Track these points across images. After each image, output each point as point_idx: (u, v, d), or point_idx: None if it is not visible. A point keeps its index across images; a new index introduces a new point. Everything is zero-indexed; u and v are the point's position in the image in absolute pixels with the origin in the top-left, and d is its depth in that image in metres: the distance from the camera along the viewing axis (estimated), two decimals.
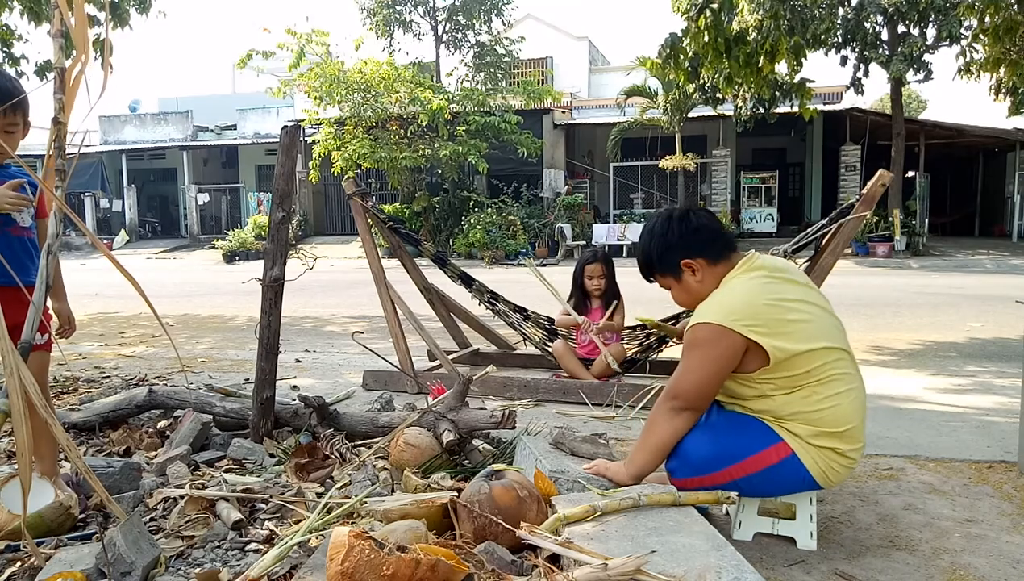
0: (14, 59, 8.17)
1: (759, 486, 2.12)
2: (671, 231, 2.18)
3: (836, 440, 2.05)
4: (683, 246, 2.17)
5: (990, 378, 4.65)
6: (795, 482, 2.10)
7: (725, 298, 2.08)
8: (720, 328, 2.00)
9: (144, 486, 2.53)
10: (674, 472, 2.14)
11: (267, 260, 3.02)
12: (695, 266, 2.16)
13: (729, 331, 1.99)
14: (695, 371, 2.05)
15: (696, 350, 2.05)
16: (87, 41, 2.10)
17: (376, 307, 4.68)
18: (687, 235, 2.17)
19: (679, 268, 2.18)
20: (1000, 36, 6.99)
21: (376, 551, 1.57)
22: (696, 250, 2.16)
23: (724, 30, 6.38)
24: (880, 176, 3.47)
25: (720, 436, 2.11)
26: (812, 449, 2.05)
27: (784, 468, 2.06)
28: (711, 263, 2.16)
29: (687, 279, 2.19)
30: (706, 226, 2.19)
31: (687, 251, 2.16)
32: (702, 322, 2.03)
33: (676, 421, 2.10)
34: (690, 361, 2.06)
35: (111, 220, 28.43)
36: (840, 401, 2.04)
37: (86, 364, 5.35)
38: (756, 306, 2.03)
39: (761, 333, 1.99)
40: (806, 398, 2.03)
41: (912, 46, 15.37)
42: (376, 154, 18.54)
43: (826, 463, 2.06)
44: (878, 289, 10.71)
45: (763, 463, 2.06)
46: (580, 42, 25.78)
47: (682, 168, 19.44)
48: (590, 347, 4.42)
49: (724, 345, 2.00)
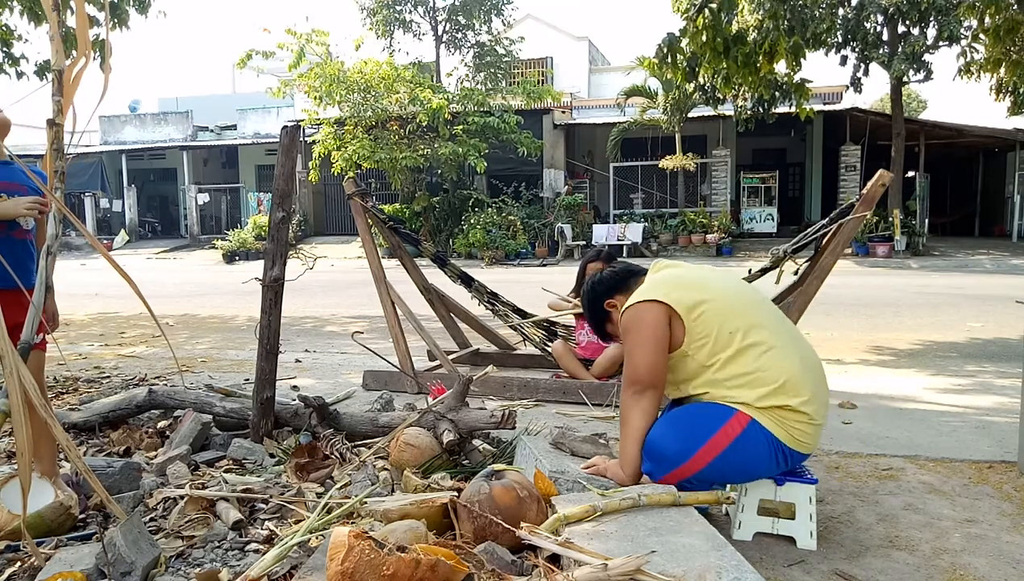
0: (14, 59, 8.17)
1: (735, 464, 2.16)
2: (590, 292, 2.55)
3: (781, 396, 2.14)
4: (601, 295, 2.52)
5: (990, 378, 4.65)
6: (767, 450, 2.14)
7: (639, 289, 2.38)
8: (636, 305, 2.27)
9: (144, 486, 2.53)
10: (653, 474, 2.18)
11: (267, 260, 3.02)
12: (616, 302, 2.47)
13: (645, 303, 2.25)
14: (637, 351, 2.26)
15: (628, 334, 2.29)
16: (88, 41, 2.10)
17: (376, 307, 4.68)
18: (600, 285, 2.53)
19: (607, 311, 2.51)
20: (1001, 36, 6.99)
21: (376, 551, 1.57)
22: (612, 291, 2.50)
23: (723, 30, 6.37)
24: (880, 176, 3.47)
25: (682, 425, 2.21)
26: (765, 412, 2.13)
27: (750, 437, 2.12)
28: (627, 294, 2.43)
29: (616, 317, 2.46)
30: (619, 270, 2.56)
31: (605, 295, 2.51)
32: (624, 309, 2.33)
33: (643, 402, 2.25)
34: (629, 344, 2.29)
35: (111, 220, 28.42)
36: (768, 359, 2.17)
37: (86, 364, 5.35)
38: (661, 280, 2.36)
39: (665, 294, 2.24)
40: (737, 361, 2.17)
41: (912, 46, 15.36)
42: (376, 154, 18.52)
43: (784, 423, 2.14)
44: (878, 289, 10.70)
45: (729, 437, 2.13)
46: (580, 42, 25.77)
47: (682, 168, 19.44)
48: (590, 347, 4.43)
49: (647, 318, 2.24)
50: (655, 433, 2.22)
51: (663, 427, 2.23)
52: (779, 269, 3.85)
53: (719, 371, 2.17)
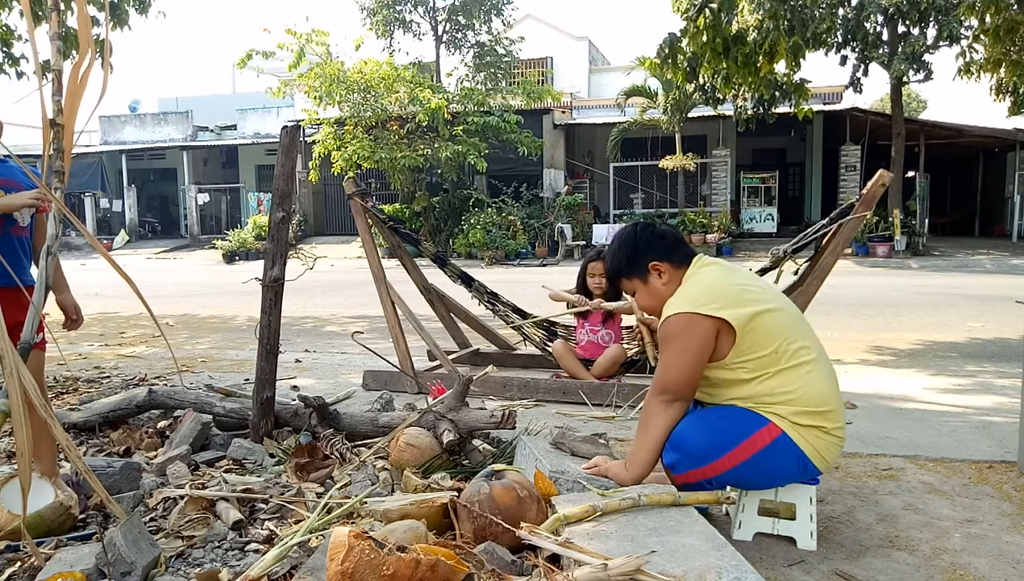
0: (14, 59, 8.17)
1: (759, 473, 2.16)
2: (640, 238, 2.36)
3: (819, 419, 2.13)
4: (651, 250, 2.33)
5: (990, 378, 4.65)
6: (792, 465, 2.13)
7: (689, 291, 2.24)
8: (689, 315, 2.15)
9: (144, 486, 2.53)
10: (675, 467, 2.17)
11: (267, 260, 3.02)
12: (661, 268, 2.31)
13: (698, 317, 2.13)
14: (676, 361, 2.17)
15: (672, 341, 2.18)
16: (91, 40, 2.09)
17: (376, 307, 4.68)
18: (654, 241, 2.35)
19: (647, 270, 2.33)
20: (1001, 36, 6.99)
21: (376, 551, 1.57)
22: (663, 254, 2.32)
23: (723, 30, 6.37)
24: (880, 176, 3.47)
25: (714, 425, 2.19)
26: (799, 428, 2.12)
27: (778, 449, 2.11)
28: (675, 267, 2.31)
29: (653, 281, 2.33)
30: (671, 234, 2.40)
31: (655, 254, 2.32)
32: (672, 314, 2.18)
33: (670, 412, 2.19)
34: (670, 353, 2.19)
35: (111, 220, 28.42)
36: (811, 381, 2.14)
37: (86, 364, 5.35)
38: (716, 289, 2.20)
39: (721, 307, 2.13)
40: (780, 379, 2.13)
41: (912, 46, 15.35)
42: (376, 154, 18.52)
43: (815, 441, 2.13)
44: (878, 289, 10.70)
45: (757, 445, 2.11)
46: (580, 42, 25.77)
47: (682, 168, 19.44)
48: (590, 347, 4.43)
49: (697, 331, 2.13)
50: (684, 427, 2.20)
51: (694, 423, 2.21)
52: (779, 269, 3.85)
53: (760, 385, 2.14)
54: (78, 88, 2.05)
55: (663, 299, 2.29)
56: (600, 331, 4.44)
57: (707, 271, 2.29)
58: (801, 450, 2.11)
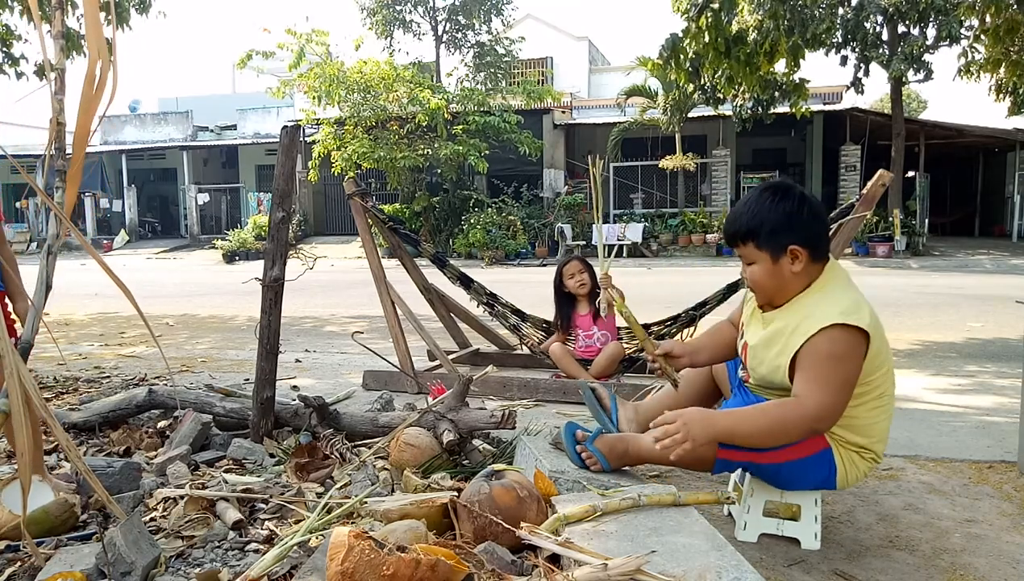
0: (14, 59, 8.17)
1: (792, 475, 2.12)
2: (800, 209, 1.99)
3: (867, 447, 2.10)
4: (802, 230, 1.99)
5: (990, 378, 4.65)
6: (821, 477, 2.11)
7: (846, 296, 1.97)
8: (856, 332, 1.91)
9: (144, 486, 2.53)
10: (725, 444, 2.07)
11: (267, 260, 3.02)
12: (800, 255, 1.99)
13: (861, 335, 1.92)
14: (843, 386, 1.91)
15: (841, 364, 1.90)
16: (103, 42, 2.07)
17: (376, 307, 4.68)
18: (810, 221, 2.00)
19: (784, 250, 2.00)
20: (1001, 36, 6.99)
21: (376, 551, 1.57)
22: (812, 241, 2.00)
23: (724, 30, 6.37)
24: (880, 176, 3.47)
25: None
26: (844, 448, 2.08)
27: (817, 461, 2.08)
28: (813, 260, 2.02)
29: (784, 264, 2.01)
30: (824, 220, 2.07)
31: (803, 237, 1.99)
32: (841, 324, 1.89)
33: (806, 439, 2.01)
34: (837, 377, 1.90)
35: (111, 220, 28.43)
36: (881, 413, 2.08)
37: (86, 364, 5.35)
38: (865, 303, 1.99)
39: (874, 329, 1.95)
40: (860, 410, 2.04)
41: (912, 46, 15.36)
42: (376, 154, 18.53)
43: (855, 464, 2.10)
44: (878, 289, 10.69)
45: (802, 452, 2.06)
46: (580, 42, 25.79)
47: (682, 168, 19.45)
48: (590, 350, 4.43)
49: (860, 352, 1.92)
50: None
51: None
52: None
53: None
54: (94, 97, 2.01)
55: (780, 288, 2.04)
56: (595, 333, 4.43)
57: (843, 274, 2.05)
58: (836, 467, 2.08)
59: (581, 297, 4.45)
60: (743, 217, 2.05)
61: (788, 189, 2.04)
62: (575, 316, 4.48)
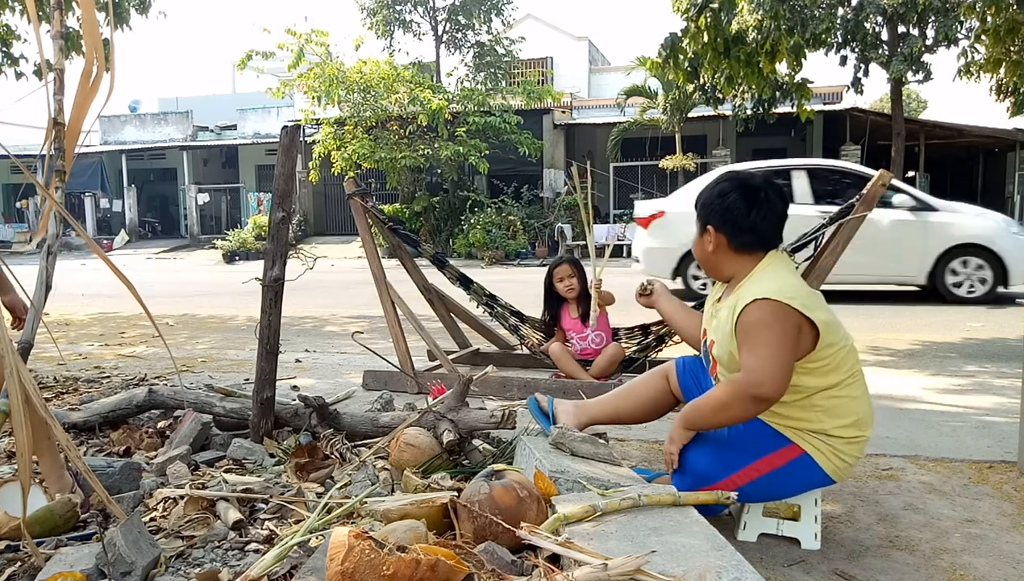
0: (13, 59, 8.17)
1: (771, 488, 2.15)
2: (723, 197, 2.20)
3: (853, 429, 2.11)
4: (719, 215, 2.20)
5: (990, 378, 4.65)
6: (807, 481, 2.14)
7: (776, 281, 2.07)
8: (781, 305, 1.99)
9: (144, 486, 2.53)
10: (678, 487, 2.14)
11: (267, 260, 3.01)
12: (713, 236, 2.21)
13: (789, 309, 2.00)
14: (773, 351, 1.97)
15: (770, 330, 1.98)
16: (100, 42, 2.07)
17: (376, 307, 4.68)
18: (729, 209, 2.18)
19: (704, 228, 2.25)
20: (1001, 36, 6.99)
21: (376, 551, 1.57)
22: (727, 227, 2.19)
23: (724, 30, 6.37)
24: (880, 176, 3.47)
25: (722, 448, 2.16)
26: (831, 439, 2.09)
27: (794, 468, 2.10)
28: (734, 247, 2.19)
29: (704, 241, 2.25)
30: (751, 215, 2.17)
31: (719, 221, 2.20)
32: (764, 298, 2.00)
33: (752, 411, 2.05)
34: (765, 340, 1.98)
35: (111, 220, 28.44)
36: (858, 392, 2.13)
37: (86, 364, 5.35)
38: (802, 288, 2.10)
39: (810, 308, 2.02)
40: (830, 379, 2.08)
41: (912, 46, 15.37)
42: (376, 154, 18.54)
43: (842, 454, 2.10)
44: (877, 289, 10.69)
45: (771, 465, 2.11)
46: (580, 42, 25.79)
47: (682, 168, 19.44)
48: (586, 351, 4.43)
49: (789, 323, 1.99)
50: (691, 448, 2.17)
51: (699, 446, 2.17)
52: None
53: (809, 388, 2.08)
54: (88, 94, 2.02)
55: (705, 261, 2.26)
56: (588, 335, 4.43)
57: (789, 269, 2.18)
58: (820, 468, 2.10)
59: (570, 300, 4.46)
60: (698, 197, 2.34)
61: (732, 179, 2.25)
62: (564, 318, 4.49)
